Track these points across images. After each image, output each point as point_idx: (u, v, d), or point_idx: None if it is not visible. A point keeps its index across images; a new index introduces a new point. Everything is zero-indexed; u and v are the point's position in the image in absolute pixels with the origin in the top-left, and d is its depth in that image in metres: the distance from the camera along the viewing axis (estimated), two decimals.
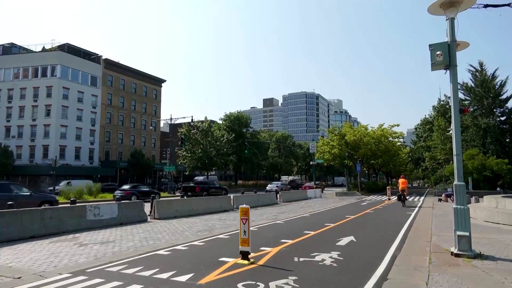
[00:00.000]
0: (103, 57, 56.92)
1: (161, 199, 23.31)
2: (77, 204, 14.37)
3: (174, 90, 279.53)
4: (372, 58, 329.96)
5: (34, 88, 49.68)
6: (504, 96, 42.57)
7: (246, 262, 7.16)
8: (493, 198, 16.68)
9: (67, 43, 53.80)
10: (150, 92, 65.29)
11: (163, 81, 68.72)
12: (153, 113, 65.32)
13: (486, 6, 8.41)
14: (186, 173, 62.22)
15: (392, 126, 49.83)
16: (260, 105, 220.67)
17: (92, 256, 8.16)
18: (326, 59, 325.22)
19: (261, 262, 7.32)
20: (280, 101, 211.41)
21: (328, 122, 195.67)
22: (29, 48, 56.21)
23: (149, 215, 16.06)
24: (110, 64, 57.81)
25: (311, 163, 60.62)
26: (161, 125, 70.42)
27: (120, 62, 59.97)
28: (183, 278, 6.13)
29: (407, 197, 26.05)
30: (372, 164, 55.18)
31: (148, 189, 30.51)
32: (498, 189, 31.77)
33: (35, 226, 11.10)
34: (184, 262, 7.44)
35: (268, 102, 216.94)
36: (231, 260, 7.39)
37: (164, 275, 6.33)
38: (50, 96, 49.21)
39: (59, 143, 48.58)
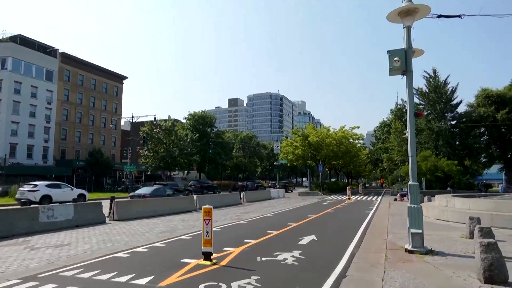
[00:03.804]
0: (60, 51, 54.13)
1: (120, 199, 22.49)
2: (28, 206, 13.57)
3: (136, 88, 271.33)
4: (336, 61, 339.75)
5: None
6: (454, 102, 45.48)
7: (208, 263, 7.11)
8: (443, 198, 17.71)
9: (19, 35, 50.53)
10: (111, 89, 62.94)
11: (125, 78, 66.55)
12: (114, 111, 63.03)
13: (439, 16, 8.93)
14: (148, 173, 60.65)
15: (353, 128, 51.67)
16: (225, 105, 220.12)
17: (45, 260, 7.74)
18: (291, 61, 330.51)
19: (223, 262, 7.30)
20: (245, 101, 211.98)
21: (292, 123, 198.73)
22: None
23: (108, 217, 15.49)
24: (67, 58, 55.06)
25: (275, 163, 61.29)
26: (122, 123, 68.14)
27: (78, 56, 57.44)
28: (143, 281, 5.97)
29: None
30: (333, 165, 56.82)
31: None
32: (448, 188, 33.71)
33: None
34: (144, 264, 7.25)
35: (233, 102, 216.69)
36: (193, 261, 7.30)
37: (123, 278, 6.13)
38: (0, 90, 46.01)
39: (9, 141, 45.50)
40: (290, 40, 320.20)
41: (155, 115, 43.24)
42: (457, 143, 44.71)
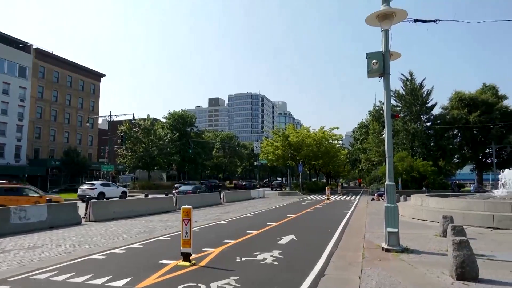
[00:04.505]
0: (34, 46, 52.34)
1: (97, 200, 21.98)
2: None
3: (115, 86, 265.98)
4: (317, 63, 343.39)
5: None
6: (429, 104, 46.83)
7: (187, 263, 7.05)
8: (418, 197, 18.19)
9: None
10: (88, 87, 61.38)
11: (102, 75, 65.06)
12: (91, 109, 61.47)
13: (416, 20, 9.18)
14: (126, 172, 59.53)
15: (332, 129, 52.31)
16: (205, 105, 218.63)
17: (16, 263, 7.47)
18: (272, 61, 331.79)
19: (202, 263, 7.25)
20: (226, 101, 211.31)
21: (273, 123, 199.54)
22: None
23: (83, 218, 15.10)
24: (42, 55, 53.29)
25: (255, 163, 61.41)
26: (99, 122, 66.62)
27: (53, 52, 55.69)
28: (120, 283, 5.85)
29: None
30: (313, 165, 57.35)
31: None
32: (423, 188, 34.63)
33: None
34: (122, 266, 7.12)
35: (214, 101, 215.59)
36: (171, 262, 7.22)
37: (99, 281, 5.99)
38: None
39: None
40: (272, 41, 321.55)
41: (133, 114, 42.66)
42: (431, 144, 46.05)
